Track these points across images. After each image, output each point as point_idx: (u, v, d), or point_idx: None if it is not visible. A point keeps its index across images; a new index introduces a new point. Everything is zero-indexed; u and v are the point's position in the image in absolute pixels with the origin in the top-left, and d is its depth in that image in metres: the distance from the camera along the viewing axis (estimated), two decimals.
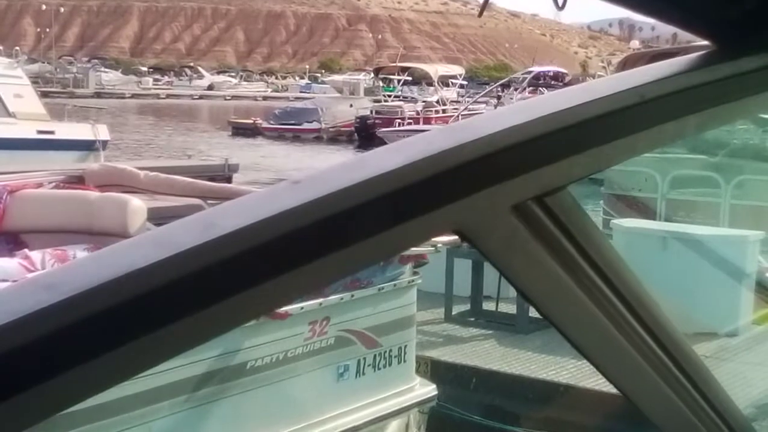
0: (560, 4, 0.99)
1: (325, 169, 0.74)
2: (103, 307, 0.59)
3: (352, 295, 6.47)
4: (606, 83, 0.95)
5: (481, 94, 46.24)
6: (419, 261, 7.06)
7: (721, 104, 1.03)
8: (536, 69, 44.26)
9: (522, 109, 0.88)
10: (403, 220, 0.73)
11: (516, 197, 0.83)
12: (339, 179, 0.71)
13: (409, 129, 39.06)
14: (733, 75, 1.03)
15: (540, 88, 42.47)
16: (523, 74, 43.48)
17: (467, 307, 10.65)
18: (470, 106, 39.07)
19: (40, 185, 7.33)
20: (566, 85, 51.36)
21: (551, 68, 52.32)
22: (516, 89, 41.24)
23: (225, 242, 0.63)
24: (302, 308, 6.00)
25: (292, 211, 0.67)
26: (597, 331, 1.00)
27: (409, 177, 0.73)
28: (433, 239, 6.66)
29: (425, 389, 7.24)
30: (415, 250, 6.77)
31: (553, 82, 43.07)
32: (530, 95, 42.04)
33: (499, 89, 44.45)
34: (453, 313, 10.54)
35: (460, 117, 35.87)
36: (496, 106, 37.88)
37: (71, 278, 0.60)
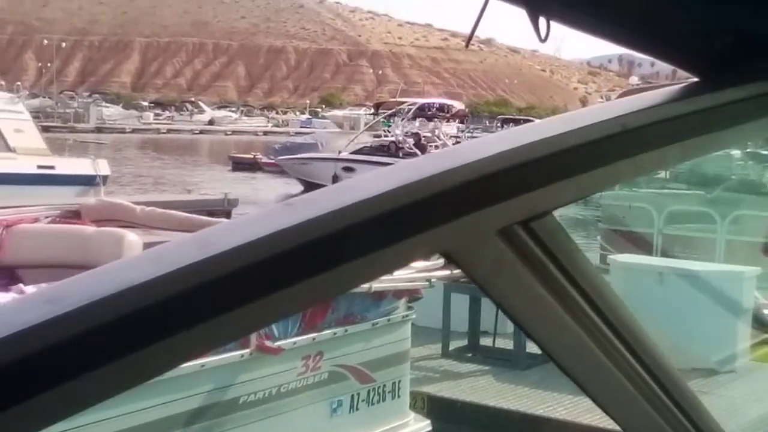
0: (542, 36, 1.01)
1: (317, 192, 0.77)
2: (103, 321, 0.61)
3: (346, 330, 6.47)
4: (589, 113, 0.98)
5: (369, 125, 47.97)
6: (414, 296, 7.07)
7: (703, 134, 1.05)
8: (421, 101, 44.97)
9: (509, 136, 0.90)
10: (392, 242, 0.75)
11: (502, 221, 0.86)
12: (330, 201, 0.73)
13: (306, 157, 39.22)
14: (715, 106, 1.05)
15: (426, 118, 43.55)
16: (408, 105, 44.12)
17: (464, 342, 10.62)
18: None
19: (36, 220, 7.35)
20: (453, 116, 52.25)
21: (437, 100, 53.20)
22: (402, 119, 41.89)
23: (219, 261, 0.66)
24: (295, 343, 6.00)
25: (284, 231, 0.69)
26: (583, 354, 1.01)
27: (399, 200, 0.76)
28: (428, 274, 6.65)
29: (419, 425, 7.21)
30: (409, 284, 6.79)
31: (439, 113, 43.71)
32: (418, 124, 43.50)
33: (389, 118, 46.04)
34: (450, 348, 10.50)
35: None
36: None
37: (73, 293, 0.62)
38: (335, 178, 35.54)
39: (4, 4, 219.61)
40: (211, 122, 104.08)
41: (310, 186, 35.14)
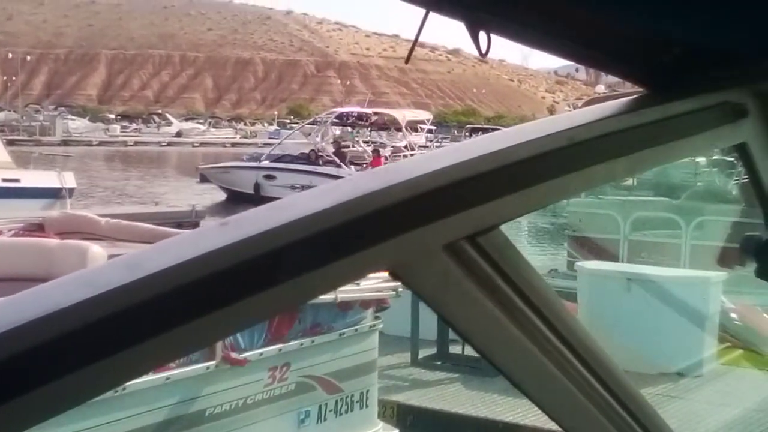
0: (482, 50, 1.00)
1: (252, 211, 0.75)
2: (30, 345, 0.59)
3: (313, 341, 6.45)
4: (537, 126, 0.97)
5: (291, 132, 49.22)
6: (381, 305, 7.07)
7: (651, 147, 1.05)
8: (338, 110, 45.91)
9: (453, 151, 0.89)
10: (332, 260, 0.74)
11: (448, 237, 0.84)
12: (267, 220, 0.71)
13: (227, 166, 39.43)
14: (663, 119, 1.05)
15: (345, 126, 44.23)
16: (327, 114, 44.72)
17: (434, 350, 10.63)
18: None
19: None
20: (372, 124, 53.41)
21: (355, 109, 54.19)
22: (320, 129, 42.36)
23: (150, 282, 0.64)
24: (261, 354, 5.97)
25: (218, 251, 0.67)
26: (533, 367, 1.01)
27: (337, 218, 0.74)
28: (395, 284, 6.65)
29: None
30: (375, 294, 6.78)
31: (358, 122, 44.67)
32: (337, 132, 43.82)
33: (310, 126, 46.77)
34: (419, 357, 10.51)
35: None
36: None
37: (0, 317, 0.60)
38: (257, 186, 35.96)
39: None
40: (178, 134, 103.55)
41: (233, 194, 35.36)
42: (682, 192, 15.27)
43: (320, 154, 37.32)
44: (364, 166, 35.91)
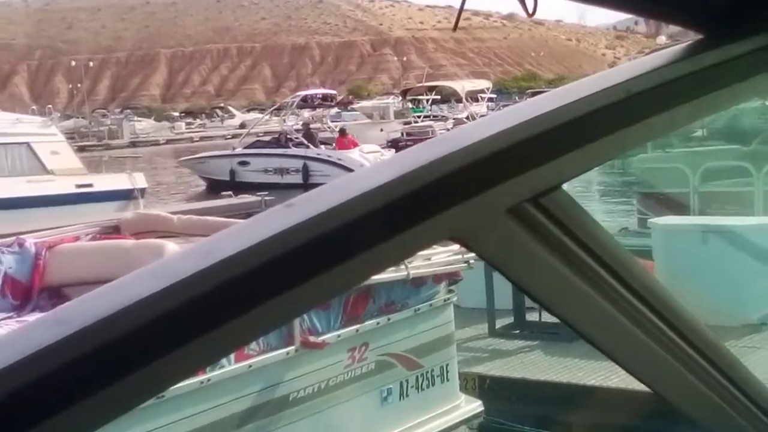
0: (530, 10, 1.01)
1: (317, 191, 0.77)
2: (111, 339, 0.62)
3: (389, 319, 6.50)
4: (592, 81, 0.96)
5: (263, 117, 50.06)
6: (453, 278, 7.08)
7: (710, 92, 1.03)
8: (303, 93, 46.20)
9: (509, 114, 0.89)
10: (397, 232, 0.75)
11: (510, 200, 0.85)
12: (331, 198, 0.73)
13: (203, 156, 40.43)
14: (721, 62, 1.03)
15: (310, 109, 44.70)
16: (292, 98, 44.82)
17: (510, 319, 10.61)
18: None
19: (77, 238, 7.45)
20: (338, 103, 53.52)
21: (320, 90, 54.85)
22: (286, 113, 42.79)
23: (223, 268, 0.66)
24: (339, 336, 6.04)
25: (286, 232, 0.70)
26: (612, 327, 1.00)
27: (400, 189, 0.76)
28: (467, 255, 6.65)
29: (471, 406, 7.23)
30: (447, 267, 6.79)
31: (324, 103, 45.18)
32: (306, 114, 44.18)
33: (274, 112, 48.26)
34: (497, 327, 10.50)
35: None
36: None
37: (81, 313, 0.63)
38: (232, 173, 37.10)
39: (29, 30, 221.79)
40: (242, 126, 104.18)
41: (211, 182, 36.22)
42: (754, 138, 14.91)
43: (289, 137, 38.17)
44: (333, 145, 36.77)
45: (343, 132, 38.28)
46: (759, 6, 1.08)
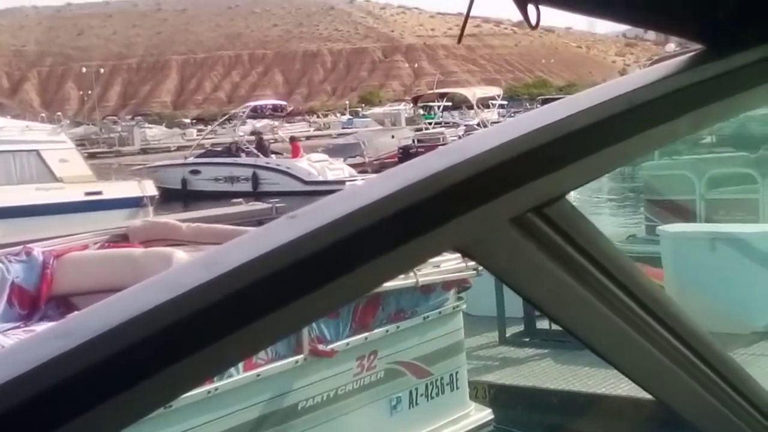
0: (533, 22, 1.01)
1: (320, 202, 0.77)
2: (112, 352, 0.62)
3: (398, 327, 6.49)
4: (595, 93, 0.96)
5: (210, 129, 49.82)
6: (462, 286, 7.06)
7: (712, 103, 1.04)
8: (253, 103, 46.80)
9: (512, 125, 0.90)
10: (401, 243, 0.75)
11: (514, 210, 0.85)
12: (334, 210, 0.74)
13: (156, 165, 40.58)
14: (722, 73, 1.03)
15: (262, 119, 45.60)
16: (242, 109, 45.50)
17: (521, 327, 10.58)
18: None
19: (85, 247, 7.44)
20: (289, 114, 53.80)
21: (269, 101, 55.72)
22: (237, 123, 43.87)
23: (227, 279, 0.67)
24: (348, 344, 6.03)
25: (290, 243, 0.70)
26: (615, 335, 1.00)
27: (403, 201, 0.76)
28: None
29: (481, 414, 7.21)
30: (456, 275, 6.78)
31: (274, 113, 45.67)
32: (257, 124, 44.64)
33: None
34: (507, 335, 10.47)
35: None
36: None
37: (81, 326, 0.63)
38: (184, 182, 37.61)
39: (40, 37, 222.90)
40: (254, 133, 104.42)
41: (163, 191, 36.49)
42: (762, 145, 14.87)
43: (240, 146, 38.78)
44: (285, 155, 37.31)
45: (293, 139, 39.14)
46: (760, 18, 1.08)
